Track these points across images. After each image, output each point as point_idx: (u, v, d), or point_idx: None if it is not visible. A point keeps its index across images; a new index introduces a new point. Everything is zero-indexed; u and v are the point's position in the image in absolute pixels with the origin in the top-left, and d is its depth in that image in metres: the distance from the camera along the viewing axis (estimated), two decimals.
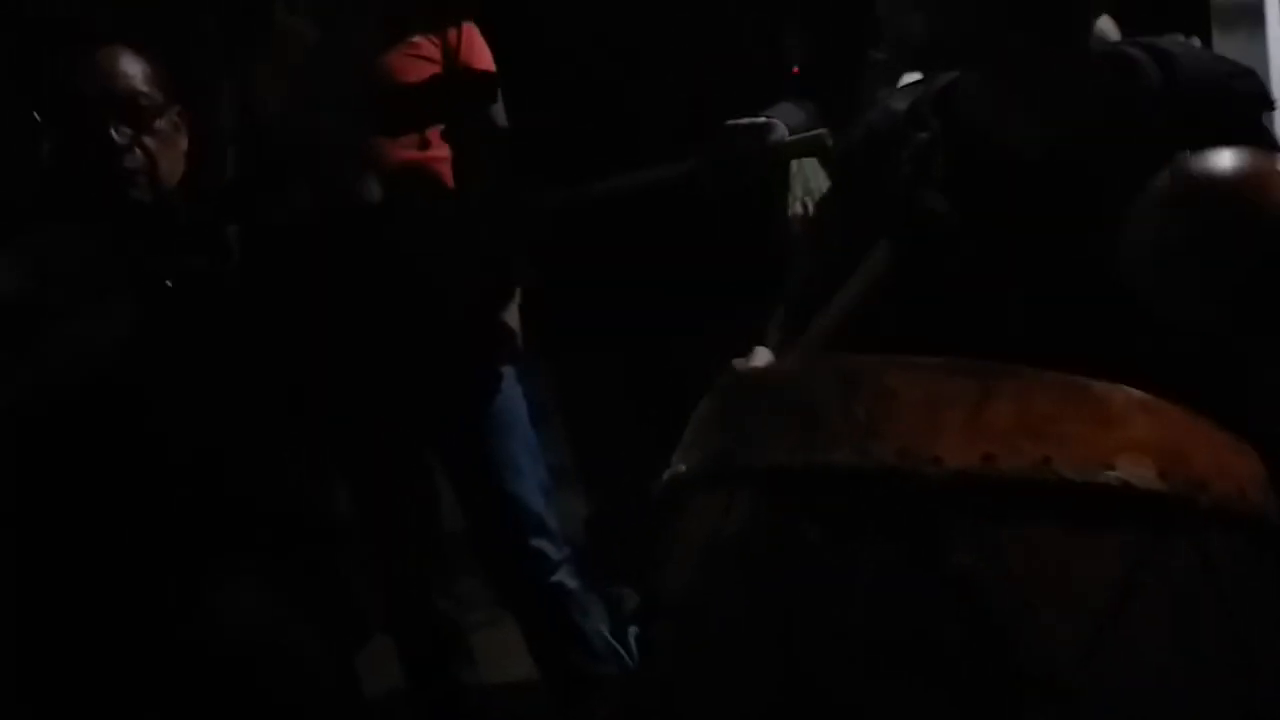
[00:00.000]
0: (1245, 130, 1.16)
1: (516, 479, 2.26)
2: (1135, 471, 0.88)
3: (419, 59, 2.14)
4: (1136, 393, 0.91)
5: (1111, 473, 0.87)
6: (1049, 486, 0.87)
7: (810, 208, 2.27)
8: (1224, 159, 1.05)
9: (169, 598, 1.59)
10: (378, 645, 2.38)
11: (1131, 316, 1.11)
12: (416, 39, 2.14)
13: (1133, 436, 0.89)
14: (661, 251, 1.97)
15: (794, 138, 1.86)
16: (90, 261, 1.67)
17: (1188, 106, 1.17)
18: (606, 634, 2.38)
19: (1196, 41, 4.46)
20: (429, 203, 2.12)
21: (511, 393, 2.29)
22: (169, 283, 1.72)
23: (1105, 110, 1.20)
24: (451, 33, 2.16)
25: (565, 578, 2.33)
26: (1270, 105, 1.27)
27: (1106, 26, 4.43)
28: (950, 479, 0.87)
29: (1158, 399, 0.92)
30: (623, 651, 2.34)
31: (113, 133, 1.69)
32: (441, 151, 2.16)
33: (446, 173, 2.15)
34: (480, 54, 2.18)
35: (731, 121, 1.87)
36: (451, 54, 2.15)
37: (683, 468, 1.00)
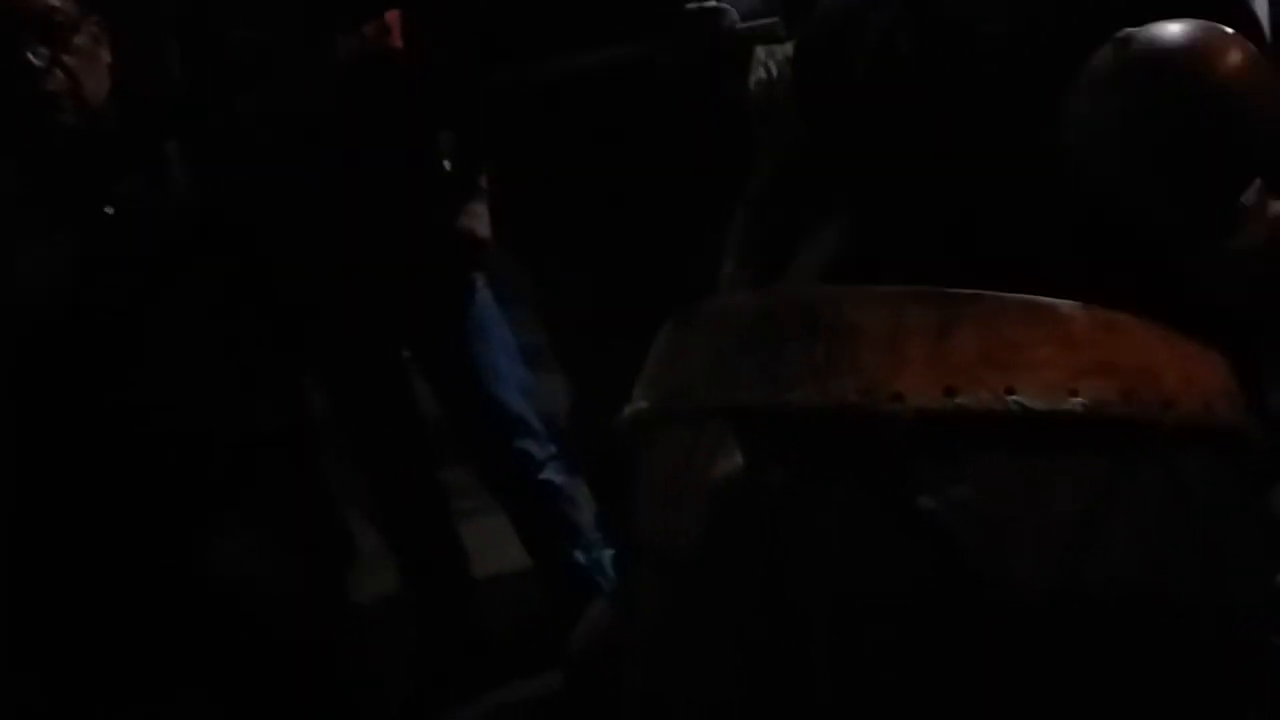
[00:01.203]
0: (1214, 9, 1.12)
1: (496, 382, 2.26)
2: (1099, 396, 0.87)
3: None
4: (1101, 311, 0.90)
5: (1075, 399, 0.86)
6: (1013, 418, 0.86)
7: (773, 71, 2.23)
8: (1166, 30, 1.02)
9: (147, 539, 1.59)
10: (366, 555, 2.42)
11: (1080, 206, 1.10)
12: None
13: (1097, 358, 0.88)
14: (626, 145, 1.95)
15: (746, 24, 1.85)
16: (22, 197, 1.60)
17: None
18: (594, 523, 2.41)
19: None
20: (384, 98, 2.06)
21: (484, 296, 2.27)
22: (109, 209, 1.66)
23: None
24: None
25: (552, 474, 2.35)
26: None
27: None
28: (913, 415, 0.86)
29: (1123, 315, 0.90)
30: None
31: (29, 55, 1.60)
32: (386, 45, 2.09)
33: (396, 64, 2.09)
34: None
35: (689, 6, 1.84)
36: None
37: (645, 404, 0.99)
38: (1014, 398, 0.86)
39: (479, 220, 2.21)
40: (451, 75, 2.05)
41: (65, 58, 1.61)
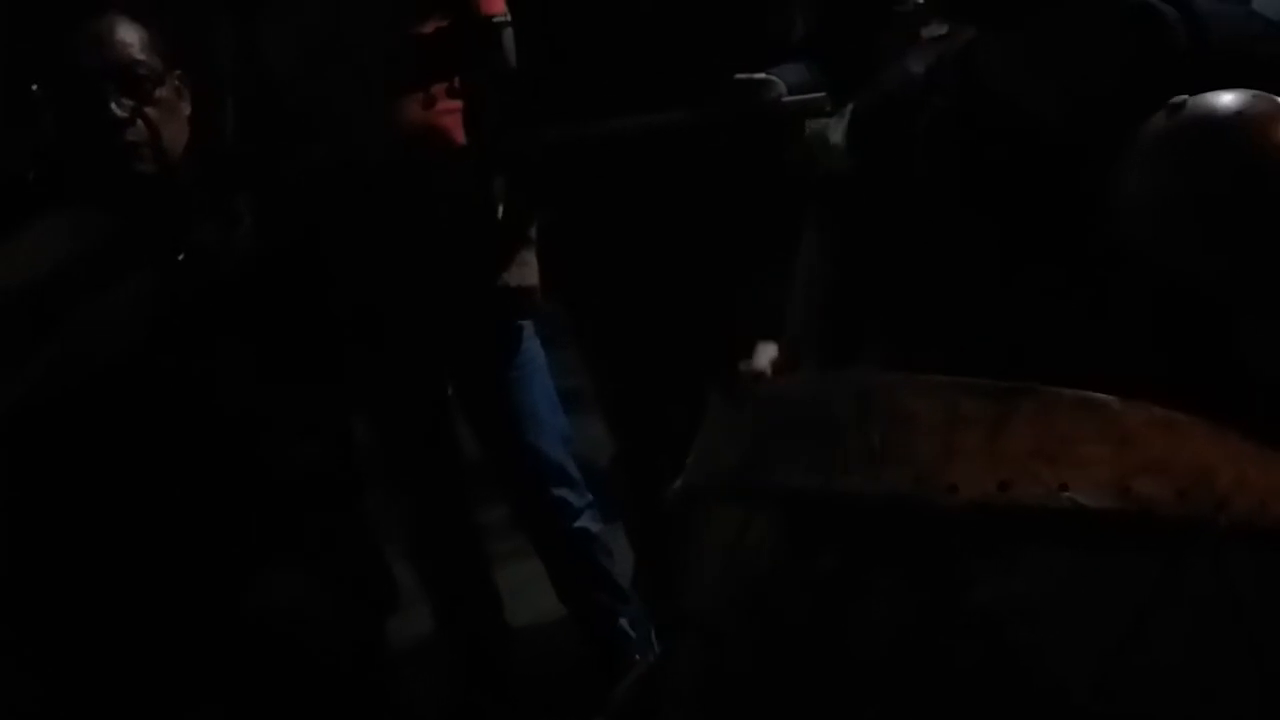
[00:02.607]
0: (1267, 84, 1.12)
1: (536, 430, 2.28)
2: (1153, 494, 0.87)
3: (430, 9, 2.11)
4: (1156, 409, 0.90)
5: (1128, 497, 0.87)
6: (1066, 514, 0.86)
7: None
8: (1219, 97, 1.03)
9: (198, 574, 1.61)
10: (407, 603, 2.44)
11: (1141, 291, 1.10)
12: None
13: (1150, 456, 0.88)
14: (677, 205, 1.99)
15: (792, 98, 1.89)
16: (98, 244, 1.65)
17: (1214, 73, 1.14)
18: (631, 577, 2.42)
19: None
20: (441, 157, 2.10)
21: (530, 344, 2.30)
22: (180, 256, 1.71)
23: (1128, 78, 1.16)
24: None
25: (588, 523, 2.36)
26: None
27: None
28: (966, 508, 0.87)
29: (1177, 414, 0.90)
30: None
31: (113, 106, 1.66)
32: (451, 104, 2.14)
33: (456, 126, 2.13)
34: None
35: (738, 76, 1.91)
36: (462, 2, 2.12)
37: (697, 478, 1.00)
38: (1067, 494, 0.87)
39: (528, 269, 2.25)
40: (509, 133, 2.09)
41: (147, 109, 1.67)
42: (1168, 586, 0.87)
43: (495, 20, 2.14)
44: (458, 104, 2.12)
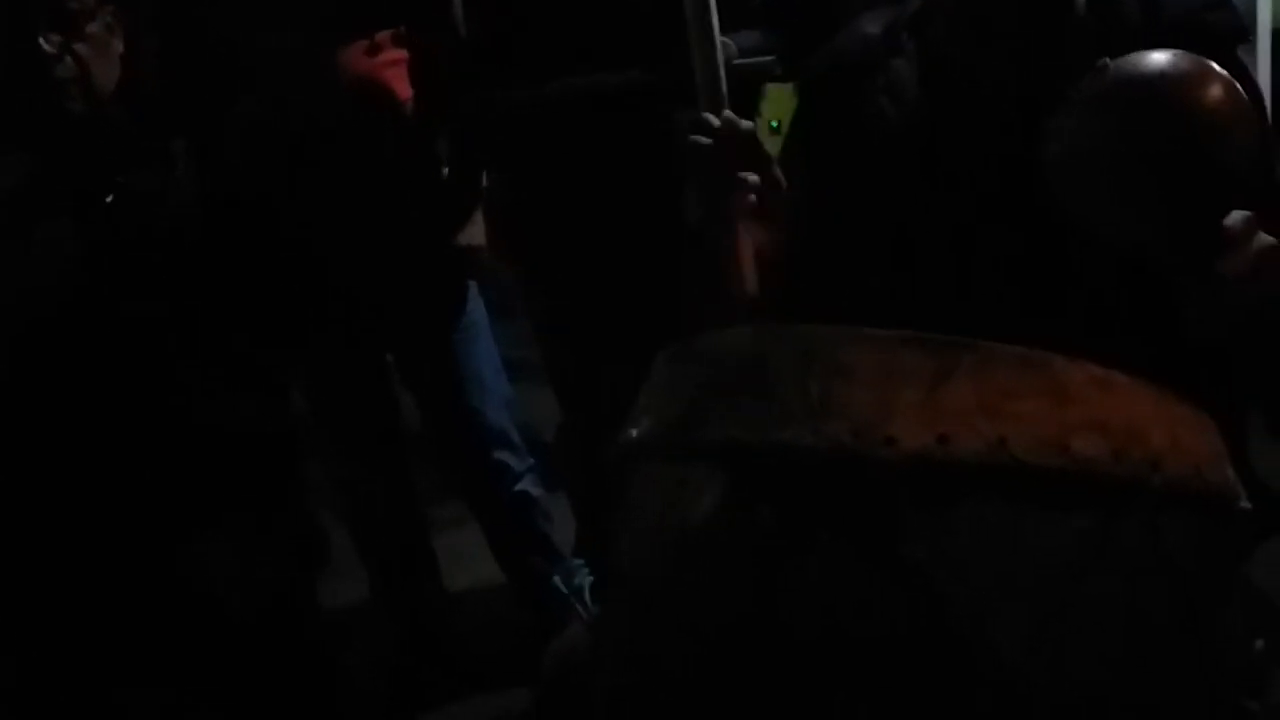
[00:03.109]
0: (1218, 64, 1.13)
1: (479, 393, 2.26)
2: (1089, 453, 0.87)
3: None
4: (1095, 368, 0.90)
5: (1066, 454, 0.86)
6: (1004, 469, 0.86)
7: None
8: (1150, 56, 1.04)
9: (131, 535, 1.58)
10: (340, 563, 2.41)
11: (1078, 254, 1.10)
12: None
13: (1089, 414, 0.88)
14: (629, 168, 1.97)
15: (744, 60, 1.87)
16: (24, 183, 1.59)
17: (1167, 43, 1.14)
18: (575, 543, 2.41)
19: None
20: (385, 110, 2.06)
21: (475, 305, 2.27)
22: (108, 199, 1.65)
23: (1081, 49, 1.16)
24: None
25: (529, 486, 2.35)
26: (1244, 37, 1.24)
27: None
28: (904, 461, 0.86)
29: (1116, 373, 0.90)
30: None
31: (41, 41, 1.60)
32: (396, 54, 2.09)
33: (401, 78, 2.09)
34: None
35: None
36: None
37: (635, 433, 0.99)
38: (1006, 449, 0.86)
39: (475, 228, 2.22)
40: (455, 93, 2.05)
41: (77, 45, 1.61)
42: (1102, 547, 0.86)
43: None
44: (403, 54, 2.08)
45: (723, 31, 1.90)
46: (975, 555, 0.85)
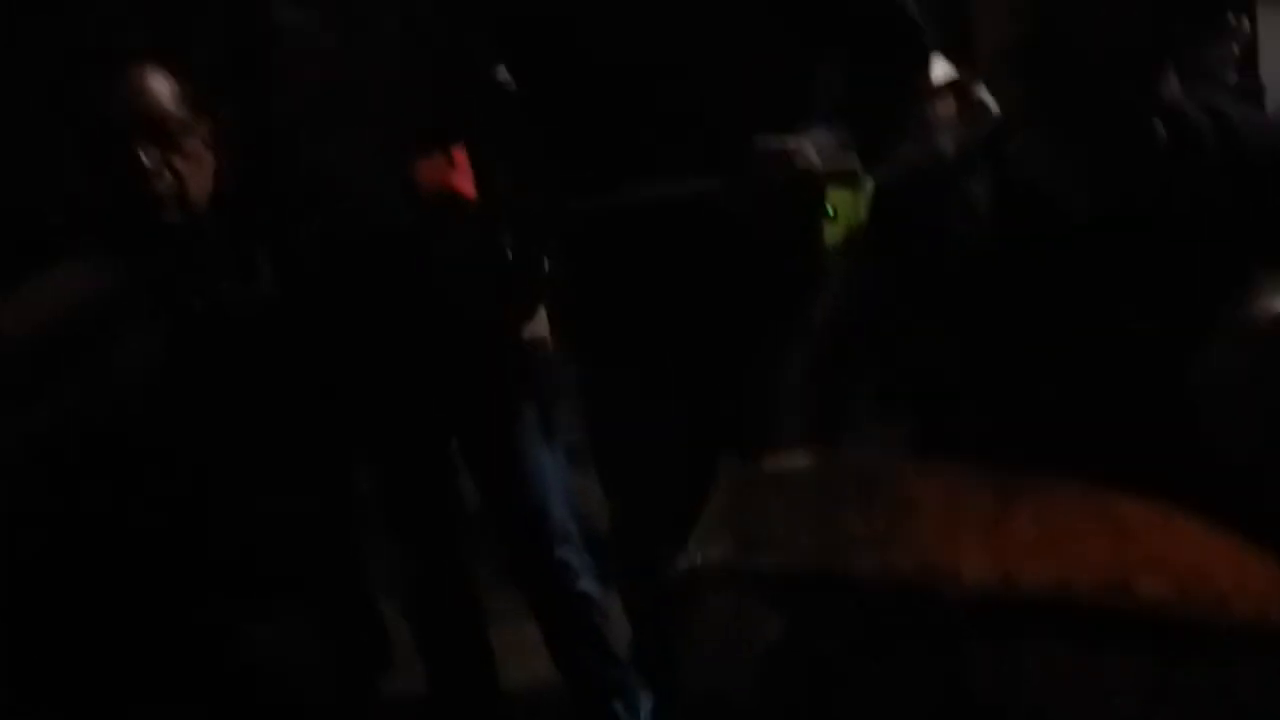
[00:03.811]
0: None
1: (543, 490, 2.27)
2: (1154, 592, 0.87)
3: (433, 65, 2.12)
4: (1155, 507, 0.91)
5: (1129, 594, 0.87)
6: (1068, 607, 0.86)
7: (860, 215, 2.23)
8: None
9: (197, 629, 1.61)
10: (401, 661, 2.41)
11: (1157, 403, 1.10)
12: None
13: (1151, 553, 0.89)
14: (695, 269, 1.93)
15: (825, 166, 1.83)
16: (114, 291, 1.66)
17: (1245, 181, 1.14)
18: (625, 639, 2.40)
19: (1245, 21, 4.37)
20: (460, 221, 2.11)
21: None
22: (197, 303, 1.72)
23: (1158, 178, 1.17)
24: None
25: (588, 585, 2.35)
26: None
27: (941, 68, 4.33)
28: (969, 596, 0.87)
29: (1176, 513, 0.91)
30: None
31: (142, 156, 1.68)
32: (464, 163, 2.15)
33: (470, 185, 2.15)
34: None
35: (761, 140, 1.82)
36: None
37: (699, 559, 1.00)
38: (1068, 587, 0.87)
39: (538, 321, 2.25)
40: (531, 198, 2.07)
41: (176, 160, 1.68)
42: (1169, 686, 0.87)
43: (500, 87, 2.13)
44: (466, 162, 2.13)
45: (794, 130, 1.85)
46: (1038, 692, 0.85)
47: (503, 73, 2.10)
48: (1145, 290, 1.13)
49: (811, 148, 1.83)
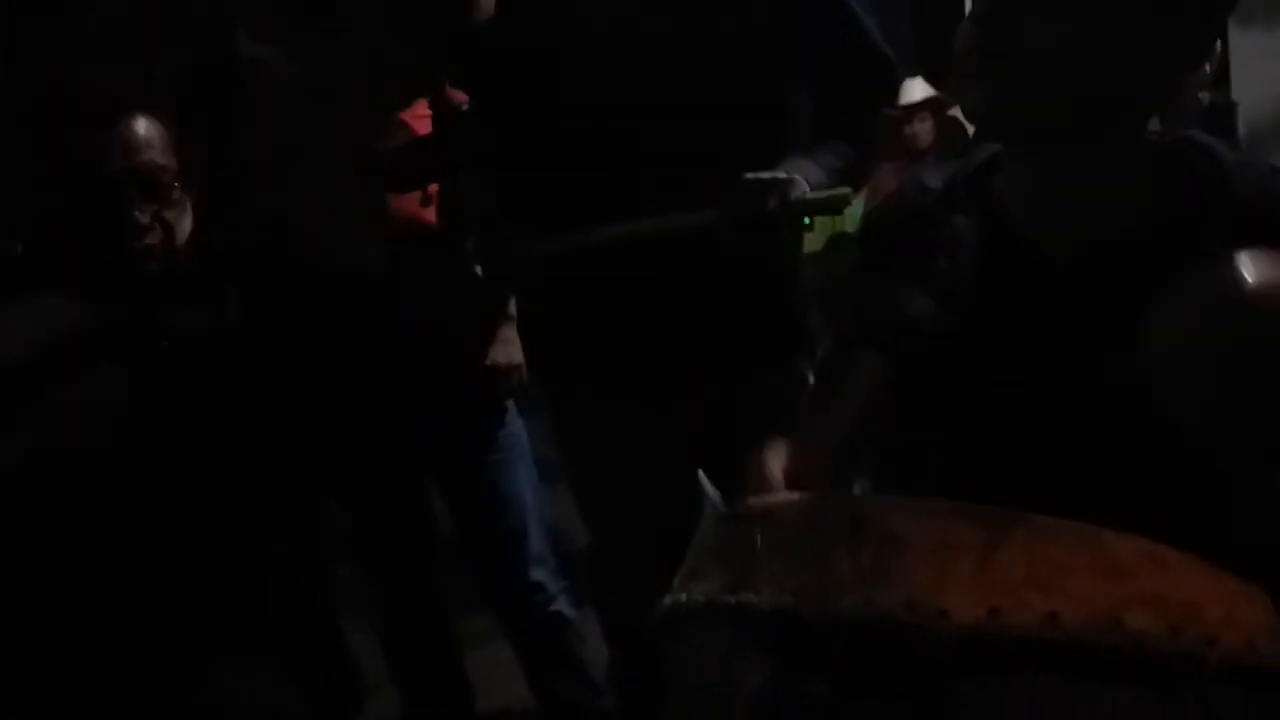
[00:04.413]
0: None
1: (518, 514, 2.27)
2: (1143, 628, 0.87)
3: (419, 116, 2.11)
4: (1145, 542, 0.90)
5: (1119, 630, 0.86)
6: (1056, 643, 0.86)
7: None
8: (1255, 266, 1.02)
9: (165, 667, 1.58)
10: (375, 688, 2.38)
11: (1145, 432, 1.09)
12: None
13: (1141, 589, 0.88)
14: (675, 302, 1.92)
15: (814, 195, 1.80)
16: (74, 331, 1.63)
17: (1236, 225, 1.13)
18: (601, 663, 2.39)
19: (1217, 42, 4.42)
20: (432, 259, 2.09)
21: (514, 427, 2.29)
22: (165, 343, 1.69)
23: (1143, 217, 1.15)
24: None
25: (563, 607, 2.35)
26: None
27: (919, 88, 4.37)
28: (957, 634, 0.86)
29: (1166, 548, 0.90)
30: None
31: (136, 214, 1.65)
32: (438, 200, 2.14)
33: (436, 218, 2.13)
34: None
35: (751, 175, 1.80)
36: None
37: (684, 597, 0.99)
38: (1058, 623, 0.86)
39: (511, 347, 2.24)
40: (507, 240, 2.03)
41: (165, 212, 1.67)
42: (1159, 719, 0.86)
43: (463, 108, 2.12)
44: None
45: (771, 165, 1.83)
46: None
47: (472, 107, 2.08)
48: (1131, 332, 1.11)
49: (801, 180, 1.83)
